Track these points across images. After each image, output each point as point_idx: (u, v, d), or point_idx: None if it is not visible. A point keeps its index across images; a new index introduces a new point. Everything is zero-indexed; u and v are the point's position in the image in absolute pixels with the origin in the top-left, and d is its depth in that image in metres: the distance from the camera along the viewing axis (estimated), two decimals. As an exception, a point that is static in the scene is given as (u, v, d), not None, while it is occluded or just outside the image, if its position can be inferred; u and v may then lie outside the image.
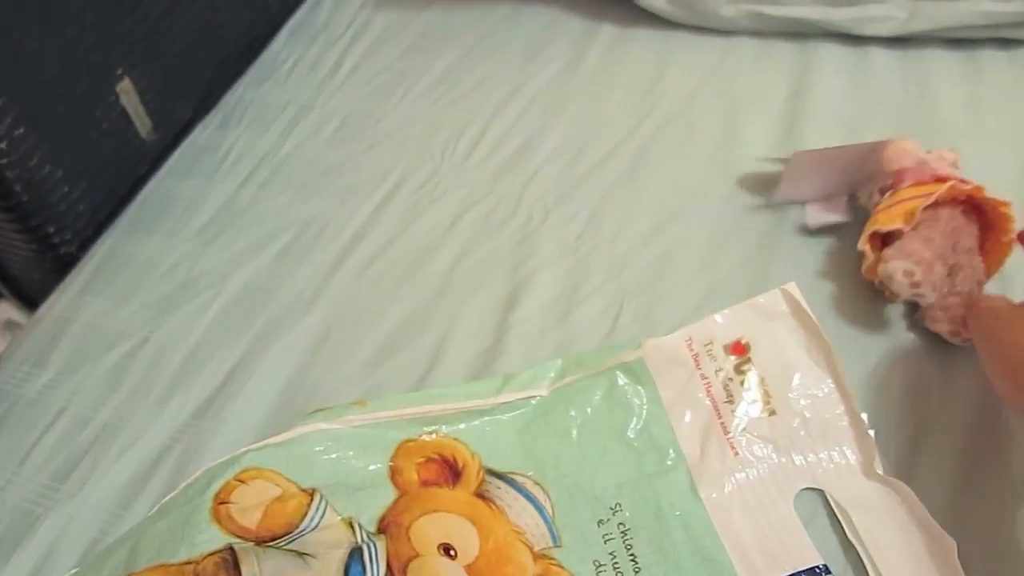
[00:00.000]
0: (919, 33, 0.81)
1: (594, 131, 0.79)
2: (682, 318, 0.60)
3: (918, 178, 0.59)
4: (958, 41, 0.81)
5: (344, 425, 0.53)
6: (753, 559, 0.46)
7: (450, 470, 0.51)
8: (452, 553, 0.46)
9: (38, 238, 0.81)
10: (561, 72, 0.88)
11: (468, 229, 0.72)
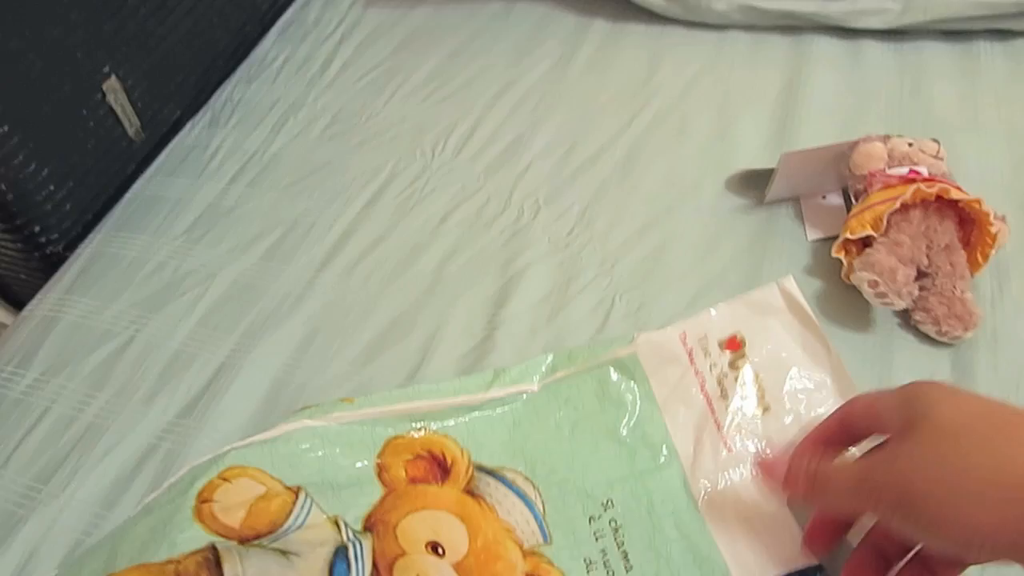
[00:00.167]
0: (913, 26, 0.80)
1: (586, 127, 0.79)
2: (674, 314, 0.59)
3: (886, 182, 0.59)
4: (953, 34, 0.81)
5: (331, 422, 0.52)
6: (746, 557, 0.45)
7: (438, 467, 0.50)
8: (440, 551, 0.45)
9: (24, 237, 0.80)
10: (553, 69, 0.88)
11: (458, 226, 0.71)
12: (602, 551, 0.46)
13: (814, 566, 0.45)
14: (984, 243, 0.57)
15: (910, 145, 0.61)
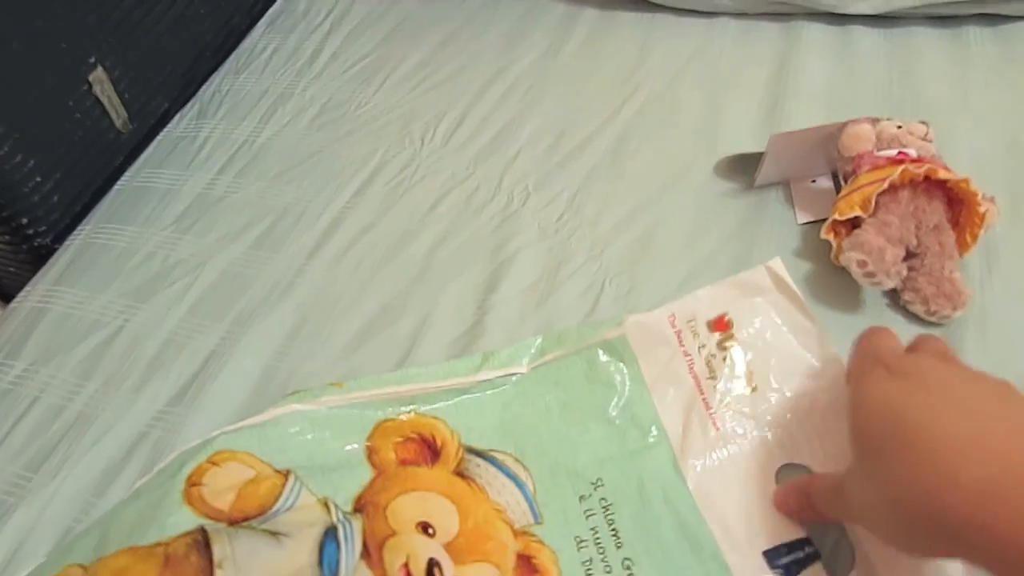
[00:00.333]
0: (903, 10, 0.80)
1: (576, 114, 0.79)
2: (664, 298, 0.59)
3: (874, 163, 0.60)
4: (943, 18, 0.81)
5: (320, 407, 0.52)
6: (735, 534, 0.45)
7: (428, 449, 0.49)
8: (430, 531, 0.45)
9: (11, 229, 0.80)
10: (542, 57, 0.87)
11: (448, 213, 0.71)
12: (592, 529, 0.46)
13: (801, 539, 0.45)
14: (972, 223, 0.57)
15: (899, 127, 0.62)
